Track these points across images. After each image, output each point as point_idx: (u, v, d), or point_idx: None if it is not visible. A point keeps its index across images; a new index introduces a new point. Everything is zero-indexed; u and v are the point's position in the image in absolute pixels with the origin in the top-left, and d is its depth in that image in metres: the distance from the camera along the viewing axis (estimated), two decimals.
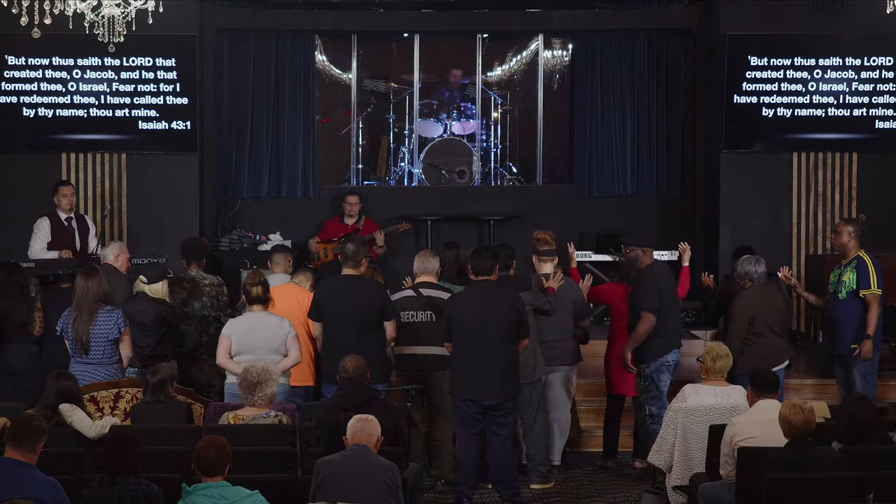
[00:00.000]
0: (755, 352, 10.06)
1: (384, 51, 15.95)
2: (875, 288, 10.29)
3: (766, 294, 10.33)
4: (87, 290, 9.38)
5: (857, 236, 10.46)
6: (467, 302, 9.31)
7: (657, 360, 10.09)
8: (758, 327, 10.13)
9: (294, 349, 9.47)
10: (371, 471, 7.01)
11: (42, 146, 13.55)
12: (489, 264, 9.34)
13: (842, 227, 10.55)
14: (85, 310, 9.36)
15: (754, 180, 13.97)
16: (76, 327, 9.36)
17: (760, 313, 10.15)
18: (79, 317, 9.37)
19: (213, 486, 6.70)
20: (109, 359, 9.42)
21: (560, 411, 10.39)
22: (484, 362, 9.17)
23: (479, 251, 9.55)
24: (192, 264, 10.73)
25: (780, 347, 10.18)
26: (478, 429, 9.32)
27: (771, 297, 10.36)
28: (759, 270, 10.33)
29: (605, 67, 15.00)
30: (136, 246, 12.99)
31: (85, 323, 9.34)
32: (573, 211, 14.95)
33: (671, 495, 8.78)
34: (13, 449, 6.73)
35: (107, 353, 9.40)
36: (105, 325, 9.38)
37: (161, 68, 13.55)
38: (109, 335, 9.39)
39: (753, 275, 10.31)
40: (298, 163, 14.77)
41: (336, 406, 8.11)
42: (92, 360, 9.37)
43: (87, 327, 9.33)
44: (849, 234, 10.45)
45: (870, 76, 13.86)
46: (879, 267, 10.42)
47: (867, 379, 10.32)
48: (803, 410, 7.38)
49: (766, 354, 10.04)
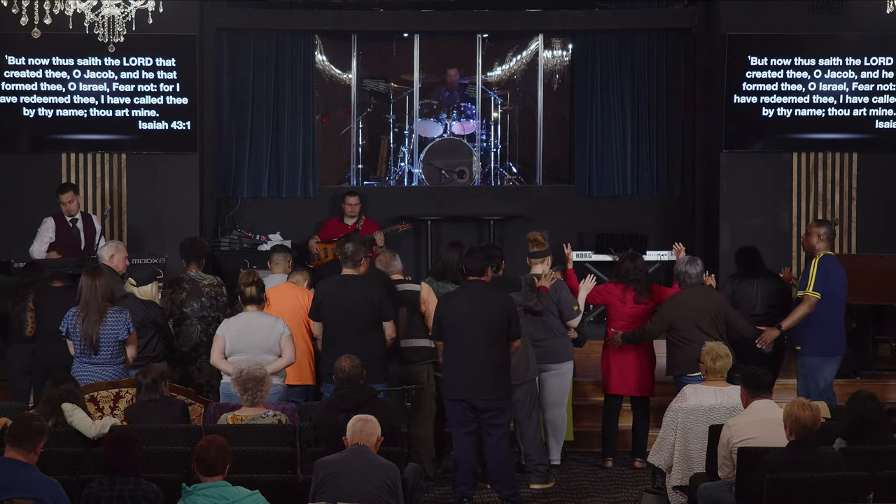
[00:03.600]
0: (685, 353, 9.99)
1: (384, 51, 15.95)
2: (810, 291, 10.20)
3: (701, 295, 10.23)
4: (94, 289, 9.30)
5: (826, 239, 10.42)
6: (458, 302, 9.33)
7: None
8: (686, 331, 10.01)
9: (288, 349, 9.46)
10: (371, 471, 7.02)
11: (42, 146, 13.55)
12: (481, 265, 9.35)
13: (813, 227, 10.51)
14: (94, 310, 9.28)
15: (754, 180, 13.96)
16: (85, 327, 9.26)
17: (691, 315, 10.04)
18: (87, 317, 9.27)
19: (213, 486, 6.70)
20: (117, 359, 9.38)
21: (555, 411, 10.39)
22: (473, 363, 9.18)
23: (472, 252, 9.58)
24: (191, 264, 10.72)
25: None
26: (471, 428, 9.32)
27: (707, 298, 10.24)
28: (694, 271, 10.24)
29: (605, 67, 15.00)
30: (136, 246, 13.00)
31: (94, 323, 9.25)
32: (573, 211, 14.95)
33: (671, 495, 8.79)
34: (13, 449, 6.73)
35: (115, 353, 9.35)
36: (115, 325, 9.32)
37: (161, 68, 13.55)
38: (119, 335, 9.33)
39: (688, 276, 10.25)
40: (298, 163, 14.77)
41: (333, 407, 8.12)
42: (100, 361, 9.30)
43: (97, 327, 9.26)
44: (818, 237, 10.42)
45: (870, 76, 13.86)
46: (840, 271, 10.31)
47: (805, 381, 10.20)
48: (811, 408, 7.39)
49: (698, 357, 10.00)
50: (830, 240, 10.49)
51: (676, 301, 10.21)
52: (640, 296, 10.54)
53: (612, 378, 10.61)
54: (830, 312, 10.28)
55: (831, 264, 10.31)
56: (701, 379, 9.27)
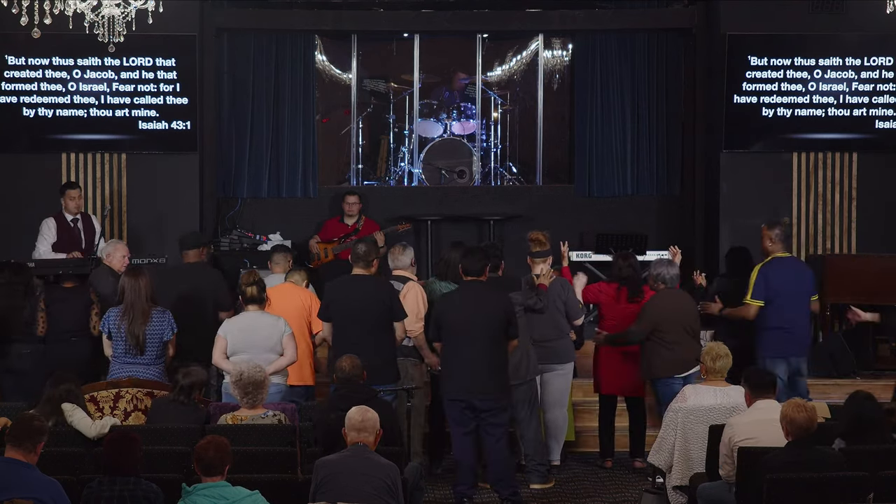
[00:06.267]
0: (670, 355, 10.02)
1: (384, 51, 15.95)
2: (748, 299, 10.35)
3: (679, 298, 10.23)
4: (138, 289, 9.37)
5: (779, 240, 10.44)
6: (457, 302, 9.34)
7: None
8: (670, 333, 10.03)
9: (290, 348, 9.47)
10: (371, 471, 7.02)
11: (42, 146, 13.54)
12: (479, 265, 9.36)
13: (765, 230, 10.56)
14: (139, 310, 9.35)
15: (754, 180, 13.96)
16: (131, 328, 9.33)
17: (674, 317, 10.07)
18: (134, 318, 9.34)
19: (213, 486, 6.70)
20: (159, 359, 9.48)
21: (556, 411, 10.39)
22: (472, 362, 9.18)
23: (471, 252, 9.58)
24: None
25: (696, 351, 10.00)
26: (470, 427, 9.32)
27: (683, 300, 10.25)
28: (671, 273, 10.24)
29: (605, 67, 15.00)
30: (136, 246, 12.98)
31: (141, 324, 9.33)
32: (573, 211, 14.94)
33: (671, 495, 8.79)
34: (13, 449, 6.73)
35: (159, 352, 9.46)
36: (159, 325, 9.43)
37: (161, 68, 13.55)
38: (164, 335, 9.44)
39: (666, 276, 10.22)
40: (298, 163, 14.77)
41: (333, 407, 8.12)
42: (145, 360, 9.38)
43: (143, 328, 9.34)
44: (770, 239, 10.46)
45: (870, 76, 13.86)
46: (789, 273, 10.36)
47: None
48: (806, 409, 7.39)
49: (683, 358, 10.01)
50: (784, 241, 10.52)
51: (660, 304, 10.19)
52: (633, 294, 10.56)
53: (603, 378, 10.64)
54: (774, 316, 10.34)
55: (775, 269, 10.33)
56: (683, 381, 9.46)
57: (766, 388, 8.14)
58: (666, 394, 10.00)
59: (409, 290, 10.00)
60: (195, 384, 8.59)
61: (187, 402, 8.54)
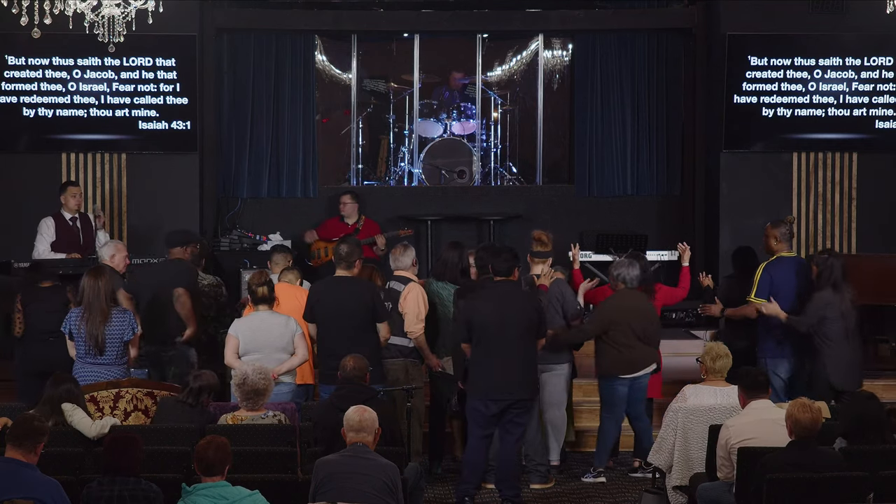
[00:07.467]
0: (618, 356, 10.00)
1: (384, 51, 15.95)
2: (752, 297, 10.28)
3: (636, 299, 10.18)
4: (97, 289, 9.25)
5: (784, 240, 10.42)
6: (487, 302, 9.30)
7: None
8: (622, 334, 10.00)
9: (301, 347, 9.50)
10: (371, 471, 7.01)
11: (42, 146, 13.55)
12: (509, 265, 9.35)
13: (769, 229, 10.48)
14: (97, 310, 9.24)
15: (754, 180, 13.96)
16: (90, 328, 9.23)
17: (626, 319, 10.02)
18: (91, 317, 9.24)
19: (212, 486, 6.70)
20: (120, 359, 9.37)
21: (554, 411, 10.38)
22: (505, 362, 9.16)
23: (499, 251, 9.51)
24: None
25: (644, 354, 10.03)
26: (491, 430, 9.32)
27: (641, 302, 10.20)
28: (632, 274, 10.18)
29: (605, 67, 15.00)
30: (136, 246, 12.98)
31: (99, 323, 9.22)
32: (573, 211, 14.95)
33: (671, 495, 8.78)
34: (13, 449, 6.73)
35: (119, 353, 9.34)
36: (119, 325, 9.31)
37: (161, 68, 13.55)
38: (124, 336, 9.33)
39: (626, 277, 10.18)
40: (298, 163, 14.77)
41: (333, 407, 8.12)
42: (105, 361, 9.28)
43: (102, 328, 9.23)
44: (775, 238, 10.42)
45: (870, 76, 13.86)
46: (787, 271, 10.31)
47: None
48: (811, 409, 7.38)
49: (630, 360, 10.00)
50: (789, 240, 10.49)
51: (616, 305, 10.14)
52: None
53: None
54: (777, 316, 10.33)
55: (780, 268, 10.31)
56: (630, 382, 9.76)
57: (759, 389, 8.12)
58: (607, 393, 10.04)
59: (409, 291, 9.99)
60: (204, 388, 8.55)
61: (195, 405, 8.53)
